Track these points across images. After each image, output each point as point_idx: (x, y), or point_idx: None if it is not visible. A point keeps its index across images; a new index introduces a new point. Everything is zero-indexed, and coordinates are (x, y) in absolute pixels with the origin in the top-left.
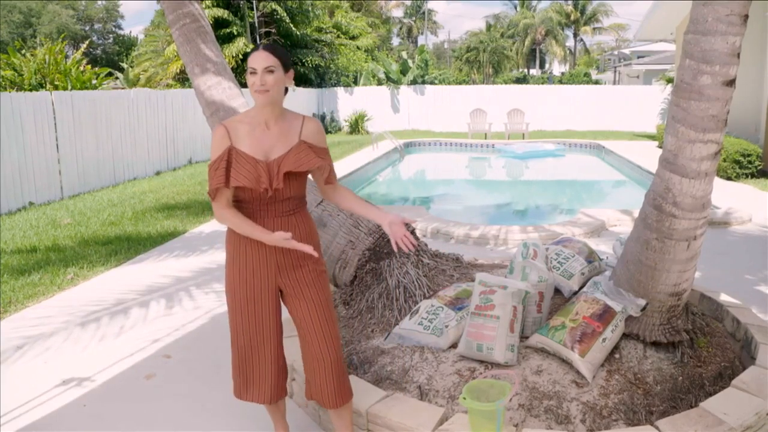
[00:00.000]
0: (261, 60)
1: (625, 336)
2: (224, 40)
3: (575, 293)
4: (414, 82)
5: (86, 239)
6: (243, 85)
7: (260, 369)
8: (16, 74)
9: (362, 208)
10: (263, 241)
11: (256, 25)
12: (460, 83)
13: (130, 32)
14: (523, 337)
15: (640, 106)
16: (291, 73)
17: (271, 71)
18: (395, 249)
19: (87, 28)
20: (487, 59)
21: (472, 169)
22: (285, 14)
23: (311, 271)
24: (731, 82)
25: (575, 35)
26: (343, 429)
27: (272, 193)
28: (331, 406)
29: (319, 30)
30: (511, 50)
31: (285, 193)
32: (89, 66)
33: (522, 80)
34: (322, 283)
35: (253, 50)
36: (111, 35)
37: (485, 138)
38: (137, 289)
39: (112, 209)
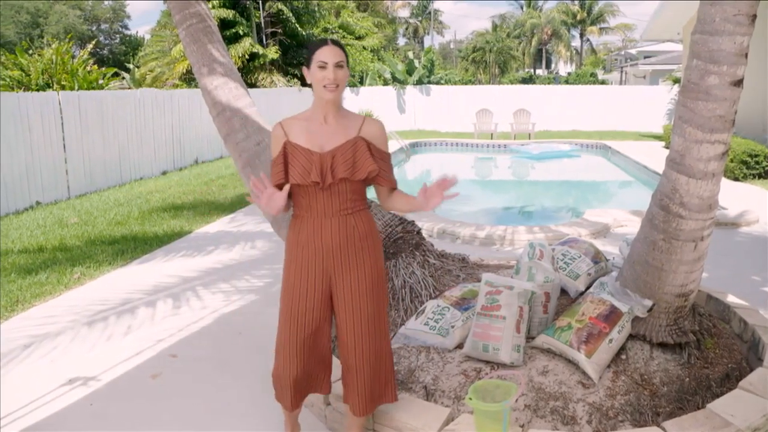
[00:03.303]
0: (332, 54)
1: (632, 337)
2: (230, 40)
3: (581, 294)
4: (420, 82)
5: (93, 239)
6: (249, 85)
7: (316, 361)
8: (23, 74)
9: (407, 203)
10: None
11: (263, 25)
12: (466, 83)
13: (137, 32)
14: (529, 337)
15: (646, 107)
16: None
17: (341, 66)
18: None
19: (94, 28)
20: (493, 59)
21: (479, 169)
22: (291, 14)
23: (367, 276)
24: (739, 83)
25: (582, 35)
26: (353, 429)
27: (324, 187)
28: (358, 415)
29: (325, 30)
30: (517, 50)
31: (340, 188)
32: (96, 66)
33: (528, 80)
34: (377, 293)
35: (317, 43)
36: (118, 35)
37: (491, 138)
38: (144, 288)
39: (118, 209)
